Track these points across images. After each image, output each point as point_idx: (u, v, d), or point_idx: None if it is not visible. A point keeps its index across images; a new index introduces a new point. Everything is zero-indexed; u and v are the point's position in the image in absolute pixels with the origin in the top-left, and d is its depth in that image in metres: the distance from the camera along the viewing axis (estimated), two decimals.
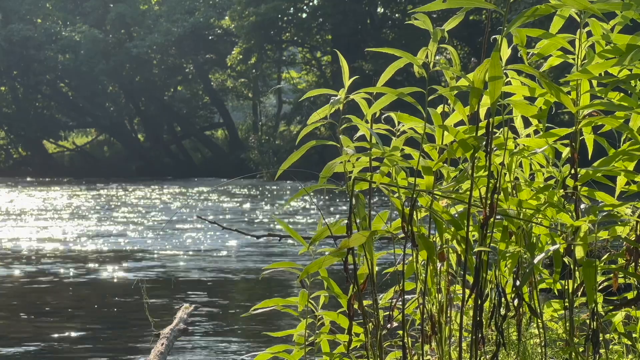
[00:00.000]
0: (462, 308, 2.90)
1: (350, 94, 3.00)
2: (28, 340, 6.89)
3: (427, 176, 2.96)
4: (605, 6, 2.67)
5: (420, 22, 2.88)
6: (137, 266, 11.50)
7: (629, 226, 3.04)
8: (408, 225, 2.85)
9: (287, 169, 2.98)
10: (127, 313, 8.24)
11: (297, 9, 48.51)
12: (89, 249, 13.27)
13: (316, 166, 3.27)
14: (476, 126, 2.86)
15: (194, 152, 56.01)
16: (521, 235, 3.05)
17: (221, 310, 8.42)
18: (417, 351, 3.10)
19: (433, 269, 3.11)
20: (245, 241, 14.55)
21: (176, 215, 20.04)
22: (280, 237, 3.80)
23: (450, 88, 2.92)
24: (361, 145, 3.01)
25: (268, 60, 51.22)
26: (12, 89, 53.40)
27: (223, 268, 11.40)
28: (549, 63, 3.08)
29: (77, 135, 60.32)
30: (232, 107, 58.52)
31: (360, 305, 2.97)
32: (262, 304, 3.28)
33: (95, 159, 55.56)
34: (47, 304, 8.79)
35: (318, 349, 3.28)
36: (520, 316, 3.21)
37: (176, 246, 13.84)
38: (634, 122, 2.93)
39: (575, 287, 3.01)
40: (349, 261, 2.88)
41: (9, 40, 48.93)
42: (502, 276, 3.13)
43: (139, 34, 51.24)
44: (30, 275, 10.65)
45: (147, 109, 54.53)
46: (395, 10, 46.65)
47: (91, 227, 16.82)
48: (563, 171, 3.10)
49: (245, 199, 26.97)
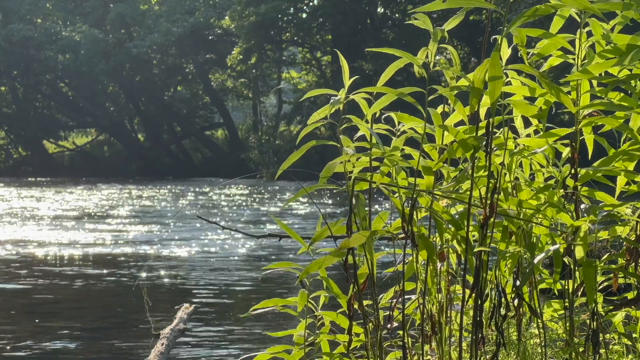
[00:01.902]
0: (462, 308, 2.90)
1: (350, 94, 3.00)
2: (28, 340, 6.89)
3: (427, 176, 2.96)
4: (605, 6, 2.67)
5: (420, 22, 2.88)
6: (137, 266, 11.50)
7: (629, 226, 3.04)
8: (408, 225, 2.85)
9: (287, 169, 2.98)
10: (127, 313, 8.24)
11: (297, 9, 48.53)
12: (88, 249, 13.27)
13: (316, 166, 3.27)
14: (476, 126, 2.86)
15: (194, 152, 56.03)
16: (521, 235, 3.05)
17: (221, 310, 8.42)
18: (417, 351, 3.10)
19: (433, 269, 3.11)
20: (245, 241, 14.55)
21: (176, 215, 20.04)
22: (280, 237, 3.80)
23: (450, 88, 2.92)
24: (361, 145, 3.01)
25: (268, 60, 51.23)
26: (12, 89, 53.42)
27: (223, 268, 11.40)
28: (549, 63, 3.08)
29: (77, 135, 60.34)
30: (232, 107, 58.52)
31: (360, 305, 2.97)
32: (262, 304, 3.28)
33: (95, 159, 55.57)
34: (47, 304, 8.79)
35: (318, 349, 3.28)
36: (520, 316, 3.21)
37: (176, 246, 13.84)
38: (634, 122, 2.93)
39: (575, 287, 3.01)
40: (349, 261, 2.88)
41: (9, 40, 48.94)
42: (502, 276, 3.13)
43: (139, 34, 51.25)
44: (30, 275, 10.65)
45: (147, 109, 54.53)
46: (395, 10, 46.66)
47: (91, 227, 16.82)
48: (563, 171, 3.10)
49: (245, 199, 26.98)
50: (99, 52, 49.75)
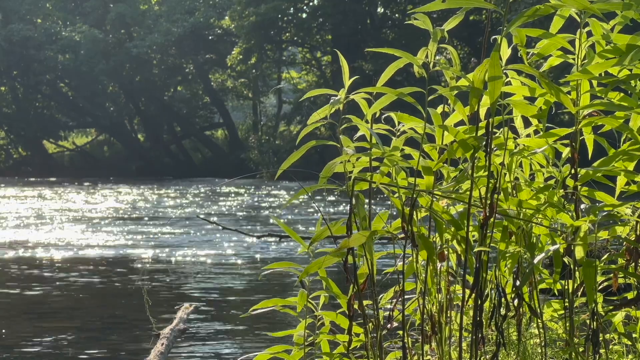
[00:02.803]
0: (462, 308, 2.90)
1: (350, 94, 3.00)
2: (28, 340, 6.89)
3: (427, 176, 2.96)
4: (605, 6, 2.67)
5: (420, 22, 2.88)
6: (137, 266, 11.50)
7: (629, 226, 3.04)
8: (408, 225, 2.85)
9: (287, 169, 2.98)
10: (127, 313, 8.24)
11: (297, 9, 48.52)
12: (88, 249, 13.27)
13: (316, 166, 3.27)
14: (476, 126, 2.86)
15: (194, 152, 56.02)
16: (521, 235, 3.05)
17: (221, 310, 8.42)
18: (417, 351, 3.10)
19: (433, 269, 3.11)
20: (245, 241, 14.55)
21: (176, 215, 20.04)
22: (280, 237, 3.80)
23: (450, 88, 2.92)
24: (361, 145, 3.01)
25: (268, 60, 51.21)
26: (12, 89, 53.41)
27: (223, 268, 11.40)
28: (549, 63, 3.08)
29: (77, 135, 60.34)
30: (232, 107, 58.51)
31: (360, 306, 2.97)
32: (262, 304, 3.28)
33: (95, 159, 55.56)
34: (47, 304, 8.79)
35: (318, 349, 3.28)
36: (520, 316, 3.21)
37: (176, 246, 13.84)
38: (634, 122, 2.93)
39: (575, 287, 3.01)
40: (349, 261, 2.88)
41: (9, 40, 48.93)
42: (502, 276, 3.13)
43: (139, 34, 51.24)
44: (30, 275, 10.65)
45: (147, 109, 54.53)
46: (395, 10, 46.65)
47: (91, 227, 16.82)
48: (563, 171, 3.10)
49: (245, 199, 26.98)
50: (99, 52, 49.74)
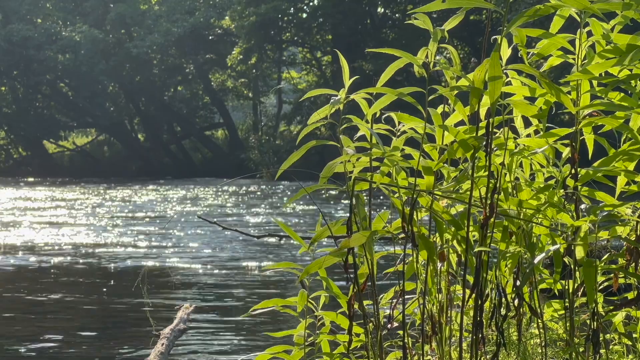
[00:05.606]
0: (462, 308, 2.90)
1: (350, 94, 3.00)
2: (28, 340, 6.89)
3: (427, 176, 2.96)
4: (605, 6, 2.67)
5: (420, 22, 2.88)
6: (137, 266, 11.50)
7: (629, 226, 3.04)
8: (408, 225, 2.85)
9: (287, 169, 2.98)
10: (127, 313, 8.24)
11: (297, 9, 48.52)
12: (88, 249, 13.27)
13: (316, 166, 3.26)
14: (476, 126, 2.86)
15: (194, 152, 56.04)
16: (521, 235, 3.05)
17: (221, 310, 8.42)
18: (418, 351, 3.10)
19: (433, 269, 3.11)
20: (245, 241, 14.55)
21: (176, 215, 20.04)
22: (280, 237, 3.80)
23: (450, 88, 2.92)
24: (361, 145, 3.01)
25: (268, 60, 51.23)
26: (12, 89, 53.43)
27: (223, 268, 11.40)
28: (549, 63, 3.08)
29: (77, 135, 60.37)
30: (232, 107, 58.53)
31: (361, 306, 2.97)
32: (262, 305, 3.28)
33: (95, 159, 55.58)
34: (47, 304, 8.79)
35: (318, 349, 3.28)
36: (521, 316, 3.21)
37: (176, 246, 13.84)
38: (634, 122, 2.93)
39: (576, 287, 3.01)
40: (349, 261, 2.88)
41: (9, 40, 48.93)
42: (503, 276, 3.13)
43: (139, 34, 51.25)
44: (30, 275, 10.65)
45: (147, 109, 54.54)
46: (395, 10, 46.65)
47: (91, 228, 16.82)
48: (563, 171, 3.10)
49: (245, 199, 26.97)
50: (99, 52, 49.75)
